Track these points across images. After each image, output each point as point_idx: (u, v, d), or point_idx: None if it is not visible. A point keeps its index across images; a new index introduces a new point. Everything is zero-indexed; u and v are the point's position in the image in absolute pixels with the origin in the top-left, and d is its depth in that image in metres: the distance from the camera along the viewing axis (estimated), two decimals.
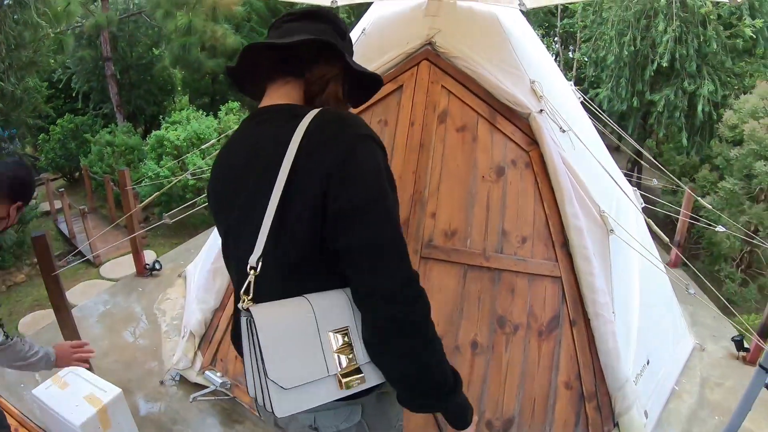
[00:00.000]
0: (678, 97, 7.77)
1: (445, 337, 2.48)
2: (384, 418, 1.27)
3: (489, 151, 2.71)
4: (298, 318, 1.07)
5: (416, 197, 2.58)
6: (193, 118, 8.57)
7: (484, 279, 2.58)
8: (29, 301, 6.07)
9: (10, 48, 5.26)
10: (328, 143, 1.05)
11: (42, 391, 2.78)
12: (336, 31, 1.23)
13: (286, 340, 1.05)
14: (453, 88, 2.72)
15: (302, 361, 1.05)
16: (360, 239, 1.04)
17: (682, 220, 5.42)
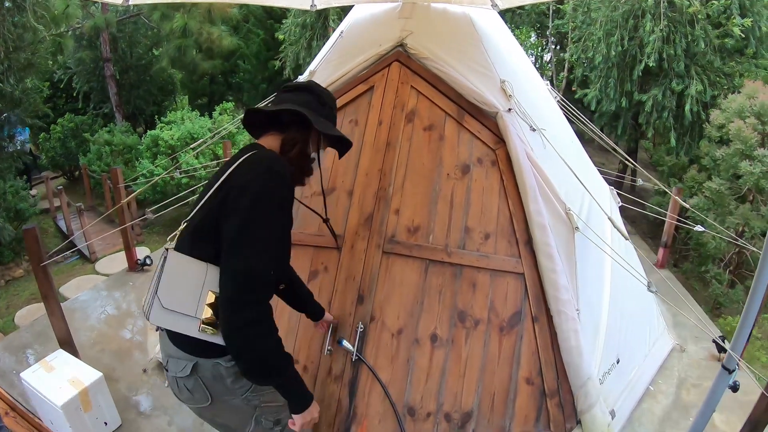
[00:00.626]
0: (666, 97, 7.75)
1: (405, 329, 2.54)
2: (221, 383, 1.63)
3: (455, 150, 2.76)
4: (194, 271, 1.53)
5: (380, 194, 2.62)
6: (187, 118, 8.65)
7: (446, 274, 2.61)
8: (26, 295, 6.19)
9: (8, 50, 5.35)
10: (247, 170, 1.55)
11: (29, 374, 2.97)
12: (318, 101, 1.76)
13: (180, 279, 1.52)
14: (422, 88, 2.78)
15: (183, 297, 1.51)
16: (231, 231, 1.47)
17: (668, 221, 5.45)
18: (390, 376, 2.48)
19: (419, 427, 2.46)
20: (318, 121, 1.70)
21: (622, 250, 3.25)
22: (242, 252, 1.44)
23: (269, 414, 1.74)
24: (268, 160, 1.56)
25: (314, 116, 1.69)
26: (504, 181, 2.76)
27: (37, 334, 4.04)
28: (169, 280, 1.51)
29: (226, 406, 1.69)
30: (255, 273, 1.44)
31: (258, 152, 1.61)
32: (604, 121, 8.84)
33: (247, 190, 1.48)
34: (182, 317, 1.52)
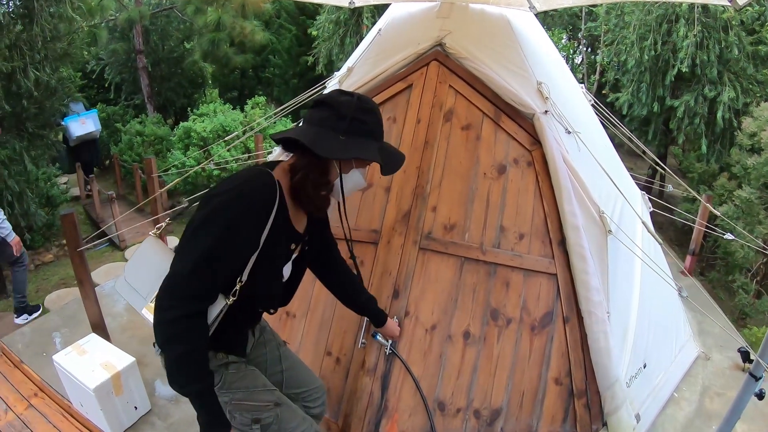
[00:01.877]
0: (698, 103, 7.64)
1: (438, 326, 2.55)
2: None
3: (492, 150, 2.77)
4: (161, 264, 1.69)
5: (418, 191, 2.64)
6: (220, 110, 8.76)
7: (480, 272, 2.63)
8: (56, 280, 6.30)
9: (45, 40, 5.45)
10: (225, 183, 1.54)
11: (62, 356, 2.99)
12: (336, 115, 1.56)
13: (145, 265, 1.72)
14: (460, 87, 2.79)
15: (141, 278, 1.73)
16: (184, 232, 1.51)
17: (697, 228, 5.39)
18: (422, 371, 2.49)
19: (448, 422, 2.47)
20: (325, 144, 1.54)
21: (652, 255, 3.24)
22: (180, 256, 1.49)
23: (245, 412, 1.73)
24: (245, 180, 1.52)
25: (324, 137, 1.54)
26: (539, 182, 2.77)
27: (67, 318, 4.13)
28: (137, 260, 1.72)
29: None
30: (180, 281, 1.44)
31: (249, 169, 1.59)
32: (635, 126, 8.74)
33: (210, 201, 1.48)
34: (135, 294, 1.74)
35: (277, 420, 1.76)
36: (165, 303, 1.44)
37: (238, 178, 1.54)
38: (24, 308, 4.97)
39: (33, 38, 5.26)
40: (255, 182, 1.52)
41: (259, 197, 1.51)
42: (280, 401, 1.80)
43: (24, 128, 5.86)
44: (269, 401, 1.76)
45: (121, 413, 2.95)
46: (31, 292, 5.97)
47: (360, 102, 1.59)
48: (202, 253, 1.43)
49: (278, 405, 1.78)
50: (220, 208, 1.46)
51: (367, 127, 1.59)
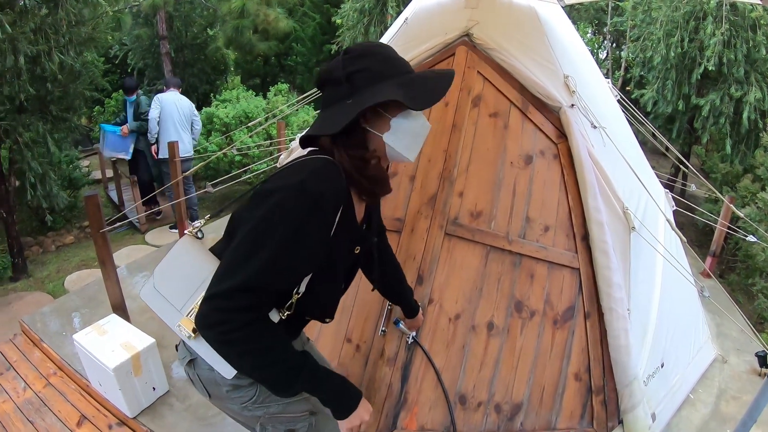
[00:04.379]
0: (724, 102, 7.48)
1: (462, 315, 2.50)
2: (217, 388, 1.52)
3: (519, 139, 2.74)
4: (199, 269, 1.44)
5: (445, 174, 2.58)
6: (242, 97, 8.78)
7: (506, 262, 2.59)
8: (76, 261, 6.38)
9: (70, 24, 5.50)
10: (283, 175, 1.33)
11: (82, 336, 3.00)
12: (335, 85, 1.36)
13: (181, 270, 1.45)
14: (488, 74, 2.76)
15: (175, 287, 1.44)
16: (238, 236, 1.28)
17: (718, 229, 5.32)
18: (444, 363, 2.43)
19: (469, 416, 2.43)
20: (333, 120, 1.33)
21: (674, 254, 3.22)
22: (230, 264, 1.25)
23: (278, 423, 1.58)
24: (309, 172, 1.29)
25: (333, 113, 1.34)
26: (565, 175, 2.76)
27: (88, 298, 4.16)
28: (169, 265, 1.45)
29: (226, 408, 1.62)
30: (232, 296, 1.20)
31: (311, 159, 1.35)
32: (659, 124, 8.59)
33: (268, 198, 1.26)
34: (168, 306, 1.44)
35: (312, 428, 1.65)
36: (221, 326, 1.20)
37: (299, 169, 1.31)
38: None
39: (58, 22, 5.30)
40: (321, 174, 1.30)
41: (329, 193, 1.29)
42: (315, 409, 1.66)
43: (48, 111, 5.93)
44: (304, 411, 1.62)
45: (140, 393, 2.97)
46: (52, 273, 6.08)
47: (347, 54, 1.35)
48: (260, 263, 1.21)
49: (313, 414, 1.66)
50: (283, 206, 1.24)
51: (368, 73, 1.33)
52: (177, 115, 6.26)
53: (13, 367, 3.40)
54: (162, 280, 1.44)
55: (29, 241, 6.74)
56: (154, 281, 1.45)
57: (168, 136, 6.09)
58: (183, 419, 2.96)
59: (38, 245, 6.78)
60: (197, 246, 1.48)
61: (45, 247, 6.79)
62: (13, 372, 3.36)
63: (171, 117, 6.21)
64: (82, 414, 3.02)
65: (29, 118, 5.56)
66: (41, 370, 3.37)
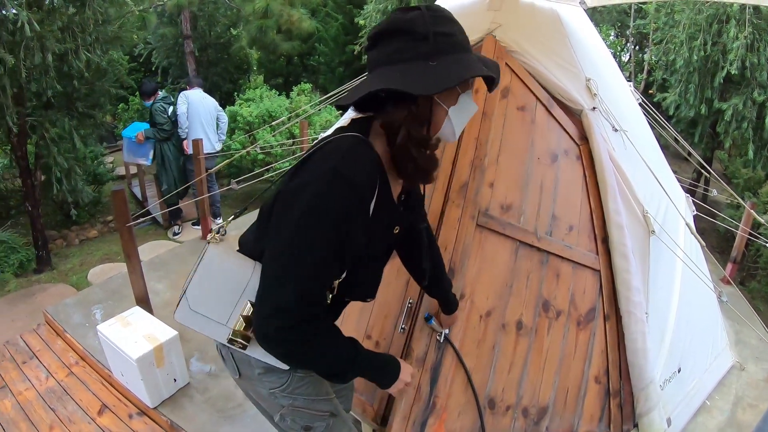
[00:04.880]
0: (747, 107, 7.37)
1: (493, 312, 2.37)
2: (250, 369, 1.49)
3: (545, 136, 2.70)
4: (236, 276, 1.34)
5: (476, 163, 2.45)
6: (266, 96, 8.84)
7: (534, 259, 2.53)
8: (99, 255, 6.49)
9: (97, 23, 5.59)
10: (313, 165, 1.23)
11: (106, 327, 3.06)
12: (415, 40, 1.18)
13: (216, 283, 1.34)
14: (516, 68, 2.70)
15: (215, 302, 1.34)
16: (272, 240, 1.24)
17: (740, 235, 5.27)
18: (475, 363, 2.29)
19: (497, 421, 2.32)
20: (419, 80, 1.16)
21: (694, 259, 3.20)
22: (275, 270, 1.19)
23: (298, 418, 1.56)
24: (339, 157, 1.19)
25: (413, 71, 1.17)
26: (586, 177, 2.76)
27: (111, 291, 4.24)
28: (202, 281, 1.34)
29: (252, 390, 1.60)
30: (286, 304, 1.16)
31: (337, 139, 1.25)
32: (681, 128, 8.50)
33: (300, 196, 1.17)
34: (211, 323, 1.35)
35: (327, 429, 1.61)
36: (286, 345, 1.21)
37: (329, 154, 1.21)
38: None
39: (85, 21, 5.39)
40: (352, 156, 1.20)
41: (363, 175, 1.20)
42: (336, 412, 1.64)
43: (74, 108, 6.06)
44: (326, 411, 1.59)
45: (161, 384, 3.03)
46: (75, 266, 6.19)
47: (434, 12, 1.20)
48: (310, 268, 1.17)
49: (333, 416, 1.62)
50: (320, 201, 1.16)
51: (455, 39, 1.21)
52: (203, 112, 6.27)
53: (36, 356, 3.49)
54: (197, 299, 1.33)
55: (53, 234, 6.86)
56: (188, 303, 1.33)
57: (195, 134, 6.13)
58: (202, 411, 3.02)
59: (62, 239, 6.91)
60: (226, 253, 1.38)
61: (69, 240, 6.91)
62: (36, 361, 3.44)
63: (197, 114, 6.22)
64: (103, 403, 3.09)
65: (56, 114, 5.68)
66: (64, 360, 3.44)
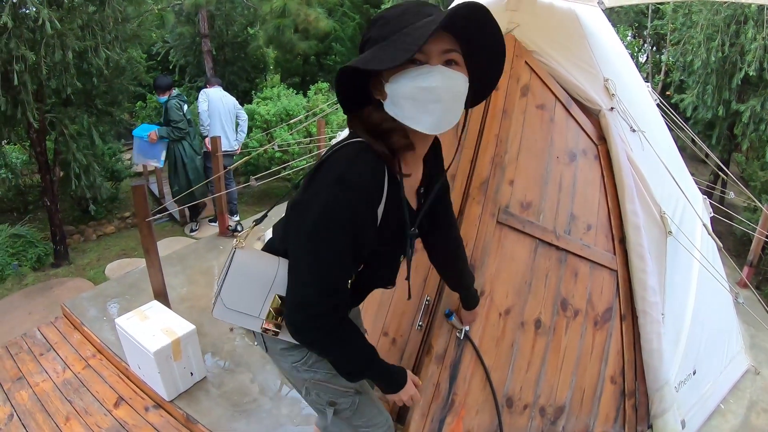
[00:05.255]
0: (765, 109, 7.26)
1: (512, 310, 2.38)
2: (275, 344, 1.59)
3: (564, 135, 2.69)
4: (263, 274, 1.45)
5: (497, 160, 2.43)
6: (283, 95, 8.90)
7: (553, 257, 2.54)
8: (116, 250, 6.56)
9: (116, 21, 5.66)
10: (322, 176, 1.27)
11: (124, 320, 3.09)
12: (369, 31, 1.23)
13: (245, 283, 1.45)
14: (535, 66, 2.69)
15: (247, 299, 1.45)
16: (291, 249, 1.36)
17: (757, 238, 5.22)
18: (493, 361, 2.29)
19: (515, 420, 2.33)
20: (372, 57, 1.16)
21: (710, 261, 3.19)
22: (299, 274, 1.30)
23: (322, 392, 1.61)
24: (344, 166, 1.24)
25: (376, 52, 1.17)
26: (604, 177, 2.76)
27: (128, 286, 4.28)
28: (233, 282, 1.45)
29: (279, 366, 1.68)
30: (313, 306, 1.27)
31: (343, 147, 1.29)
32: (699, 129, 8.42)
33: (312, 207, 1.24)
34: (245, 315, 1.48)
35: (353, 407, 1.65)
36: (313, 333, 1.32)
37: (335, 164, 1.26)
38: None
39: (105, 19, 5.46)
40: (357, 163, 1.25)
41: (368, 177, 1.26)
42: (362, 389, 1.68)
43: (93, 105, 6.14)
44: (351, 387, 1.63)
45: (178, 378, 3.04)
46: (92, 261, 6.27)
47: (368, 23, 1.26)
48: (329, 266, 1.26)
49: (358, 393, 1.66)
50: (331, 208, 1.22)
51: (371, 43, 1.21)
52: (223, 110, 6.26)
53: (53, 349, 3.53)
54: (230, 298, 1.46)
55: (71, 229, 6.95)
56: (223, 302, 1.46)
57: (214, 131, 6.10)
58: (218, 405, 3.04)
59: (80, 234, 7.00)
60: (251, 255, 1.48)
61: (86, 235, 7.00)
62: (54, 353, 3.48)
63: (217, 112, 6.21)
64: (119, 395, 3.11)
65: (75, 111, 5.76)
66: (81, 352, 3.48)
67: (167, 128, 5.96)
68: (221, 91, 6.39)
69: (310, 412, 2.92)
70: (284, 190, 8.56)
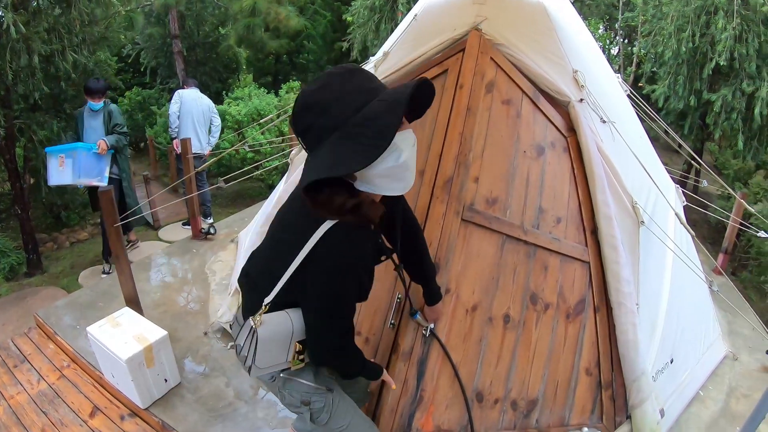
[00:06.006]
0: (736, 98, 7.40)
1: (479, 306, 2.40)
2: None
3: (531, 129, 2.70)
4: (283, 331, 1.58)
5: (461, 159, 2.44)
6: (255, 95, 8.85)
7: (521, 252, 2.54)
8: (90, 257, 6.45)
9: (83, 23, 5.57)
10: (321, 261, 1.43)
11: (95, 329, 3.04)
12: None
13: (271, 346, 1.58)
14: (501, 61, 2.69)
15: (276, 356, 1.61)
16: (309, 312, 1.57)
17: (731, 226, 5.29)
18: (461, 357, 2.32)
19: (486, 414, 2.36)
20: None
21: (684, 250, 3.21)
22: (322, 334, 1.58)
23: (294, 391, 1.74)
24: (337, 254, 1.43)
25: (307, 166, 1.38)
26: (574, 168, 2.76)
27: (101, 293, 4.20)
28: (262, 350, 1.58)
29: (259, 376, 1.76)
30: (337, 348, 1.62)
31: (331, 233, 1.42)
32: (671, 120, 8.54)
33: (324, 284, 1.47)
34: (277, 365, 1.66)
35: (329, 408, 1.77)
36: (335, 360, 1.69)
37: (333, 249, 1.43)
38: None
39: (71, 22, 5.37)
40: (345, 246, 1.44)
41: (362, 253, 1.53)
42: (333, 387, 1.79)
43: (62, 109, 6.03)
44: (321, 385, 1.75)
45: (152, 385, 3.01)
46: (66, 269, 6.15)
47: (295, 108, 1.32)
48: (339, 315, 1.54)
49: (330, 391, 1.77)
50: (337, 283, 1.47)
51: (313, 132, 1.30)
52: (196, 112, 6.13)
53: (27, 360, 3.46)
54: (263, 361, 1.61)
55: (44, 237, 6.83)
56: (257, 366, 1.61)
57: (185, 133, 5.96)
58: (194, 411, 3.00)
59: (53, 241, 6.87)
60: (267, 324, 1.58)
61: (59, 243, 6.87)
62: (28, 364, 3.41)
63: (190, 114, 6.07)
64: (94, 405, 3.07)
65: (43, 116, 5.66)
66: (55, 363, 3.42)
67: (116, 136, 5.00)
68: (197, 92, 6.28)
69: (286, 414, 2.90)
70: (257, 191, 8.53)
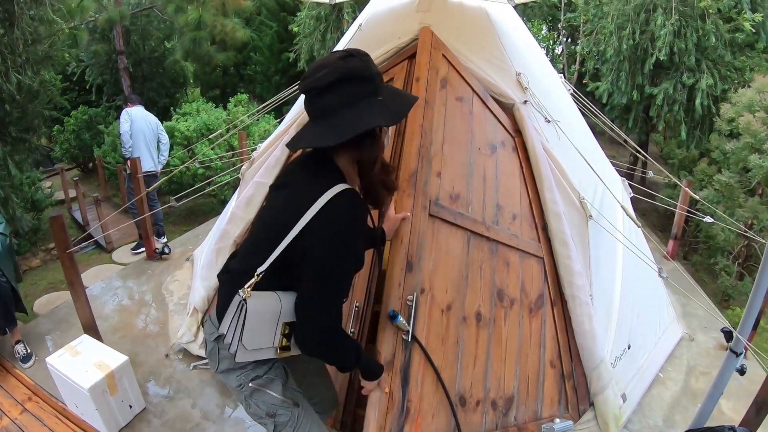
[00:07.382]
0: (677, 90, 7.74)
1: (453, 305, 2.34)
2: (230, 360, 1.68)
3: (483, 127, 2.73)
4: (271, 311, 1.57)
5: (423, 152, 2.38)
6: (203, 109, 8.75)
7: (485, 249, 2.54)
8: (44, 284, 6.26)
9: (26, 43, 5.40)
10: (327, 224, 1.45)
11: (55, 358, 2.95)
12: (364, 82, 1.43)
13: (259, 323, 1.56)
14: (452, 59, 2.70)
15: (263, 336, 1.59)
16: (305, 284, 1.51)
17: (678, 213, 5.50)
18: (441, 361, 2.23)
19: (469, 417, 2.31)
20: (392, 112, 1.46)
21: (633, 240, 3.32)
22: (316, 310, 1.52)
23: (261, 402, 1.72)
24: (348, 213, 1.48)
25: (384, 109, 1.45)
26: (523, 168, 2.82)
27: (58, 321, 4.09)
28: (250, 327, 1.56)
29: (227, 381, 1.76)
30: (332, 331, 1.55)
31: (337, 201, 1.45)
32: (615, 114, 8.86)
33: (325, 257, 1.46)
34: (263, 349, 1.62)
35: (293, 423, 1.73)
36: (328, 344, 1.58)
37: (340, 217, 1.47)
38: None
39: (14, 42, 5.20)
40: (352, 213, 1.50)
41: (360, 223, 1.57)
42: (300, 402, 1.76)
43: (7, 133, 5.82)
44: (288, 398, 1.73)
45: (117, 412, 2.94)
46: None
47: (363, 56, 1.45)
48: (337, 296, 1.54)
49: (297, 405, 1.74)
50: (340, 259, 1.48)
51: (381, 75, 1.50)
52: (147, 130, 5.94)
53: None
54: (251, 341, 1.58)
55: None
56: (245, 347, 1.58)
57: (138, 152, 5.79)
58: None
59: None
60: (257, 299, 1.56)
61: None
62: None
63: (142, 132, 5.88)
64: None
65: None
66: (16, 397, 3.29)
67: None
68: (143, 110, 6.10)
69: (254, 431, 2.87)
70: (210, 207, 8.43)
